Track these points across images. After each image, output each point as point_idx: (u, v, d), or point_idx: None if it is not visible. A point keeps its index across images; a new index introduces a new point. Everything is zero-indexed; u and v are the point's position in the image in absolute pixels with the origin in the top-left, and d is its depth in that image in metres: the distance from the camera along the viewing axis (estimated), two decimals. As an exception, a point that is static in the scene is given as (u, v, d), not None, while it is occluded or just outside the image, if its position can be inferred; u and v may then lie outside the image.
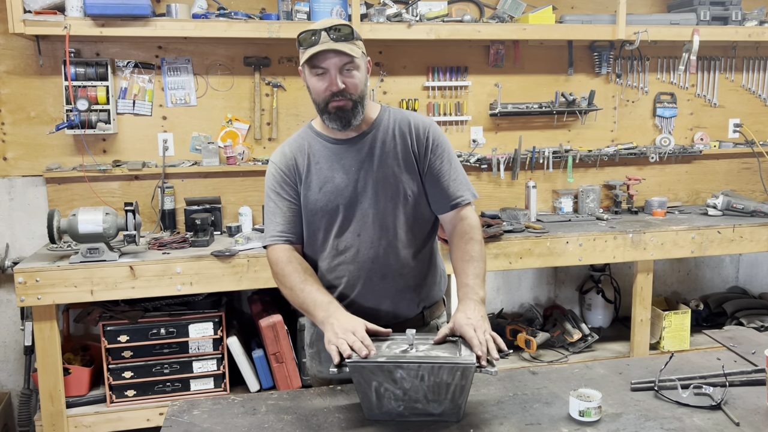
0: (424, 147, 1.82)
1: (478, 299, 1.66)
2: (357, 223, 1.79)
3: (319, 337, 1.82)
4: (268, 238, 1.84)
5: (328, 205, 1.79)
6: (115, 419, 2.94)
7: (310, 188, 1.80)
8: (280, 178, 1.83)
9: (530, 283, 3.96)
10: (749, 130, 4.02)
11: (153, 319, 2.95)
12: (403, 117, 1.85)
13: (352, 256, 1.80)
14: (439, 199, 1.84)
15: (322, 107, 1.74)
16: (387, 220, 1.79)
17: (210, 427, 1.53)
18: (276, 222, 1.82)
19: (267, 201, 1.86)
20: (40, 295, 2.70)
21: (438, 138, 1.84)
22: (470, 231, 1.80)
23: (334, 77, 1.69)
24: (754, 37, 3.67)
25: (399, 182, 1.79)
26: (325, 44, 1.67)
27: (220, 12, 3.17)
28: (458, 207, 1.83)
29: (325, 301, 1.67)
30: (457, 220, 1.83)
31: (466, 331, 1.56)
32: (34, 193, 3.27)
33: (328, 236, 1.81)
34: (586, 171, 3.87)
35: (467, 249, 1.76)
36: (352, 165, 1.79)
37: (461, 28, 3.35)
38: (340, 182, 1.78)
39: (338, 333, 1.55)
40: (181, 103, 3.36)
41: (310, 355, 1.94)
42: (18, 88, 3.19)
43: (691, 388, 1.63)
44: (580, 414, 1.51)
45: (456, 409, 1.51)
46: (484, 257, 1.77)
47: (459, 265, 1.76)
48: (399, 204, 1.80)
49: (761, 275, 4.27)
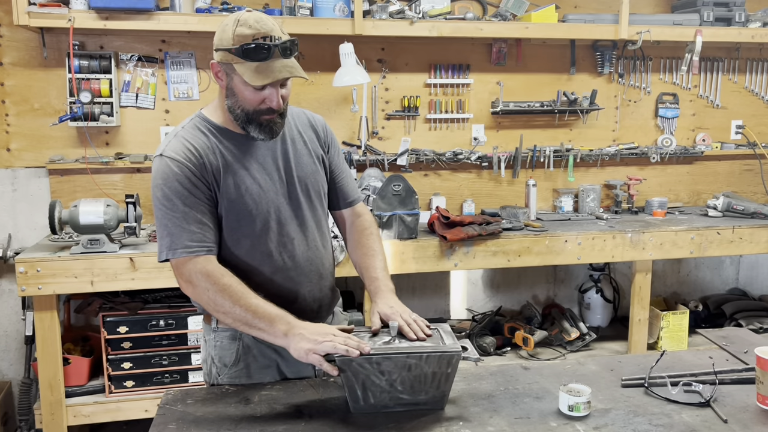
0: (326, 143, 1.84)
1: (391, 290, 1.75)
2: (290, 226, 1.73)
3: (246, 350, 1.75)
4: (182, 250, 1.59)
5: (256, 208, 1.67)
6: (113, 409, 2.96)
7: (229, 192, 1.64)
8: (187, 179, 1.60)
9: (529, 282, 3.97)
10: (751, 131, 4.02)
11: (152, 311, 2.98)
12: (298, 112, 1.83)
13: (292, 260, 1.73)
14: (338, 195, 1.89)
15: (251, 117, 1.63)
16: (315, 219, 1.79)
17: (203, 416, 1.55)
18: (190, 230, 1.59)
19: (167, 206, 1.60)
20: (41, 285, 2.73)
21: (333, 135, 1.89)
22: (369, 226, 1.89)
23: (277, 96, 1.60)
24: (757, 38, 3.66)
25: (318, 179, 1.80)
26: (280, 67, 1.56)
27: (223, 6, 3.19)
28: (354, 204, 1.91)
29: (281, 314, 1.56)
30: (354, 216, 1.91)
31: (393, 317, 1.64)
32: (36, 184, 3.30)
33: (259, 243, 1.69)
34: (587, 170, 3.87)
35: (369, 244, 1.85)
36: (271, 164, 1.71)
37: (464, 25, 3.36)
38: (265, 184, 1.69)
39: (317, 339, 1.49)
40: (183, 97, 3.38)
41: (233, 374, 1.75)
42: (22, 79, 3.21)
43: (680, 385, 1.64)
44: (569, 409, 1.52)
45: (441, 396, 1.54)
46: (383, 251, 1.87)
47: (363, 260, 1.84)
48: (322, 202, 1.82)
49: (761, 277, 4.27)
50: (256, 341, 1.73)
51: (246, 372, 1.76)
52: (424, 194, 3.61)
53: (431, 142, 3.65)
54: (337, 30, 3.19)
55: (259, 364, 1.77)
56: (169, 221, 1.61)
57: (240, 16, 1.59)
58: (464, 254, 3.13)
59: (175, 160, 1.60)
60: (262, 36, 1.56)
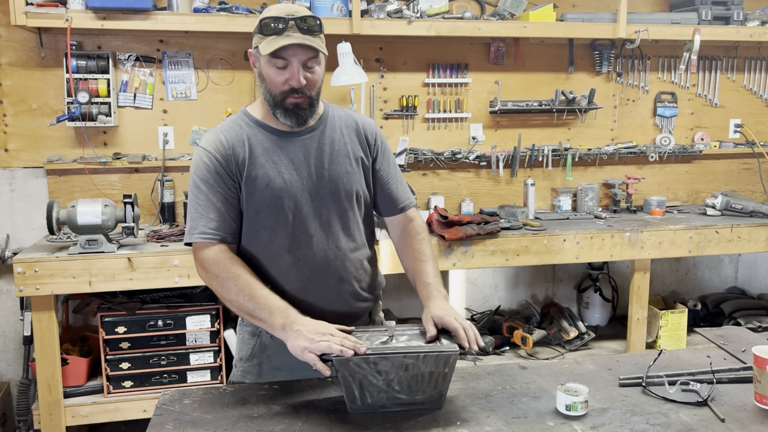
0: (374, 149, 1.83)
1: (444, 296, 1.71)
2: (310, 224, 1.72)
3: (262, 348, 1.78)
4: (197, 235, 1.67)
5: (276, 202, 1.68)
6: (112, 410, 2.96)
7: (254, 184, 1.68)
8: (214, 169, 1.67)
9: (528, 281, 3.97)
10: (750, 130, 4.02)
11: (151, 311, 2.97)
12: (347, 115, 1.83)
13: (307, 258, 1.72)
14: (388, 202, 1.87)
15: (278, 101, 1.66)
16: (342, 220, 1.76)
17: (200, 416, 1.54)
18: (209, 218, 1.67)
19: (195, 192, 1.69)
20: (39, 286, 2.73)
21: (384, 141, 1.87)
22: (421, 231, 1.87)
23: (297, 72, 1.62)
24: (755, 37, 3.66)
25: (353, 182, 1.76)
26: (294, 37, 1.59)
27: (221, 6, 3.19)
28: (406, 210, 1.89)
29: (282, 307, 1.57)
30: (406, 221, 1.89)
31: (449, 321, 1.59)
32: (34, 184, 3.29)
33: (275, 236, 1.71)
34: (586, 169, 3.87)
35: (422, 250, 1.83)
36: (301, 160, 1.71)
37: (462, 25, 3.36)
38: (290, 178, 1.70)
39: (314, 338, 1.49)
40: (181, 97, 3.38)
41: (246, 368, 1.80)
42: (20, 80, 3.21)
43: (678, 384, 1.64)
44: (566, 408, 1.52)
45: (438, 396, 1.53)
46: (435, 256, 1.86)
47: (415, 265, 1.81)
48: (353, 204, 1.78)
49: (760, 276, 4.27)
50: (274, 341, 1.74)
51: (258, 369, 1.79)
52: (422, 194, 3.61)
53: (429, 141, 3.65)
54: (334, 29, 3.18)
55: (271, 365, 1.78)
56: (193, 207, 1.70)
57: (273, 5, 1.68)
58: (463, 254, 3.13)
59: (206, 150, 1.69)
60: (285, 15, 1.60)
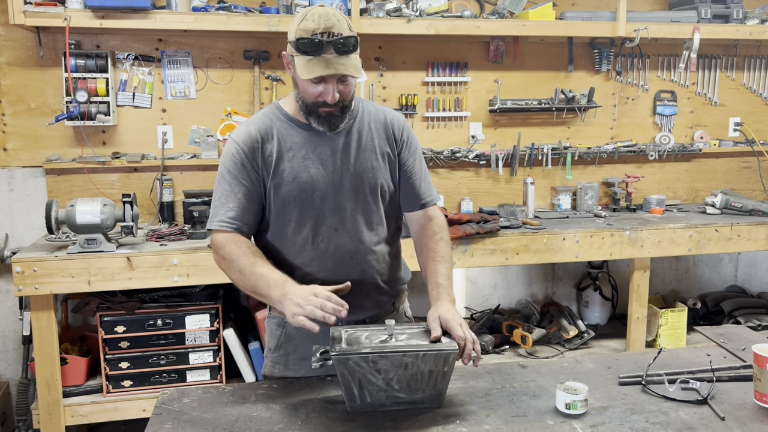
0: (400, 143, 1.83)
1: (452, 300, 1.70)
2: (334, 217, 1.74)
3: (288, 338, 1.81)
4: (216, 222, 1.71)
5: (302, 195, 1.71)
6: (111, 409, 2.96)
7: (282, 177, 1.71)
8: (240, 160, 1.71)
9: (528, 280, 3.96)
10: (750, 129, 4.01)
11: (150, 311, 2.97)
12: (377, 110, 1.84)
13: (330, 251, 1.75)
14: (410, 197, 1.86)
15: (311, 109, 1.68)
16: (365, 214, 1.77)
17: (199, 415, 1.54)
18: (228, 207, 1.71)
19: (220, 181, 1.74)
20: (38, 285, 2.72)
21: (411, 135, 1.87)
22: (440, 231, 1.85)
23: (333, 91, 1.63)
24: (755, 35, 3.66)
25: (377, 176, 1.78)
26: (332, 62, 1.59)
27: (220, 5, 3.18)
28: (427, 207, 1.87)
29: (279, 280, 1.59)
30: (426, 219, 1.87)
31: (452, 326, 1.58)
32: (33, 184, 3.29)
33: (300, 229, 1.74)
34: (585, 168, 3.87)
35: (438, 249, 1.81)
36: (328, 155, 1.74)
37: (461, 23, 3.35)
38: (316, 173, 1.72)
39: (301, 303, 1.49)
40: (180, 96, 3.37)
41: (274, 359, 1.85)
42: (18, 79, 3.20)
43: (678, 382, 1.64)
44: (566, 407, 1.52)
45: (437, 395, 1.53)
46: (451, 258, 1.83)
47: (430, 264, 1.80)
48: (377, 198, 1.79)
49: (760, 274, 4.27)
50: (298, 332, 1.76)
51: (284, 360, 1.83)
52: (421, 192, 3.60)
53: (429, 140, 3.64)
54: (334, 28, 3.18)
55: (297, 355, 1.80)
56: (216, 195, 1.75)
57: (309, 10, 1.64)
58: (462, 252, 3.12)
59: (235, 142, 1.73)
60: (322, 31, 1.59)
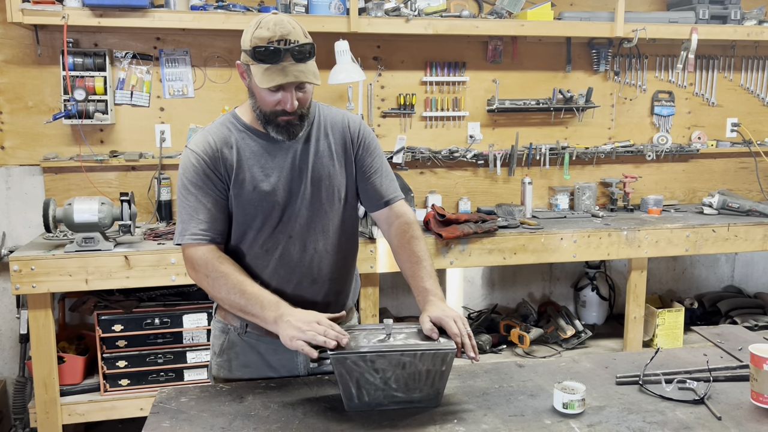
0: (356, 144, 1.81)
1: (441, 298, 1.69)
2: (290, 225, 1.73)
3: (230, 345, 1.81)
4: (188, 236, 1.68)
5: (261, 204, 1.70)
6: (108, 408, 2.95)
7: (242, 186, 1.70)
8: (202, 170, 1.68)
9: (525, 279, 3.97)
10: (747, 129, 4.02)
11: (147, 309, 2.97)
12: (333, 114, 1.82)
13: (284, 258, 1.74)
14: (372, 196, 1.84)
15: (269, 118, 1.66)
16: (321, 222, 1.76)
17: (197, 413, 1.54)
18: (198, 219, 1.68)
19: (185, 194, 1.70)
20: (35, 284, 2.72)
21: (369, 135, 1.85)
22: (410, 229, 1.80)
23: (291, 98, 1.62)
24: (753, 36, 3.66)
25: (334, 183, 1.76)
26: (290, 71, 1.57)
27: (218, 4, 3.18)
28: (391, 203, 1.84)
29: (273, 301, 1.59)
30: (393, 217, 1.84)
31: (447, 323, 1.58)
32: (31, 182, 3.28)
33: (259, 236, 1.73)
34: (583, 168, 3.87)
35: (414, 250, 1.76)
36: (286, 163, 1.72)
37: (459, 23, 3.36)
38: (275, 181, 1.71)
39: (302, 327, 1.50)
40: (178, 95, 3.37)
41: (218, 363, 1.83)
42: (16, 77, 3.20)
43: (675, 382, 1.64)
44: (563, 406, 1.52)
45: (435, 394, 1.53)
46: (428, 253, 1.79)
47: (409, 267, 1.77)
48: (333, 206, 1.78)
49: (756, 275, 4.28)
50: (240, 339, 1.79)
51: (228, 365, 1.82)
52: (419, 192, 3.61)
53: (427, 139, 3.65)
54: (332, 27, 3.18)
55: (239, 362, 1.81)
56: (183, 209, 1.71)
57: (263, 18, 1.62)
58: (460, 252, 3.13)
59: (194, 152, 1.70)
60: (278, 39, 1.57)
